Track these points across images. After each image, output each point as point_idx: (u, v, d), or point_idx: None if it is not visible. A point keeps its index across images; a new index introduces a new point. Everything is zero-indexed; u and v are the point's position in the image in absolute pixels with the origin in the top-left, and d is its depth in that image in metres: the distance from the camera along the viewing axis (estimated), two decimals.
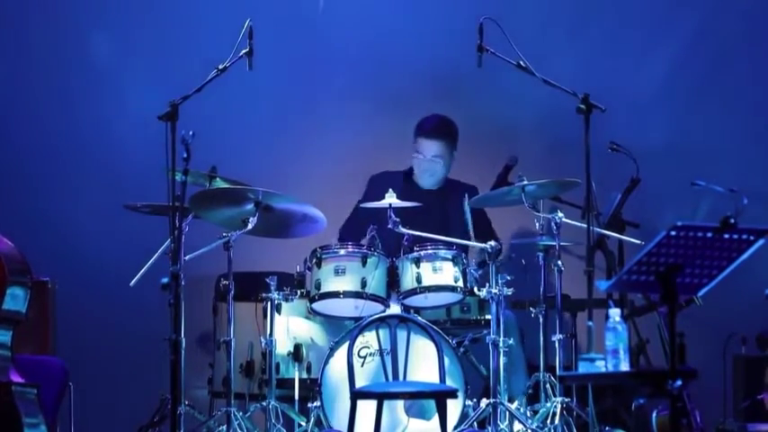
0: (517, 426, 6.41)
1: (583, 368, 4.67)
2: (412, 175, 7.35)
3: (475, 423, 6.42)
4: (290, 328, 6.74)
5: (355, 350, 6.33)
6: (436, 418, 6.09)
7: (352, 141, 7.98)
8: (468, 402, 6.45)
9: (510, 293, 6.47)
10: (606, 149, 6.96)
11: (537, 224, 6.61)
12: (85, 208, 7.91)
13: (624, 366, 4.56)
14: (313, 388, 6.54)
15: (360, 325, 6.35)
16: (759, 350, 6.88)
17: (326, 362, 6.47)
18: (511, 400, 6.48)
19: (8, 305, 5.72)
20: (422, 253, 6.60)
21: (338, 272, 6.59)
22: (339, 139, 8.01)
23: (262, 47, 6.29)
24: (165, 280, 5.74)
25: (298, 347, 6.71)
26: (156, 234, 6.59)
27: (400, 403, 6.37)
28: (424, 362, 6.35)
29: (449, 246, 6.64)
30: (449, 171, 7.33)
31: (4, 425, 5.57)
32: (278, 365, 6.65)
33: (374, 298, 6.57)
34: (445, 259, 6.60)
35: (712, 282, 4.52)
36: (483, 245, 6.52)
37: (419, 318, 6.48)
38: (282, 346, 6.69)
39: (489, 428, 6.37)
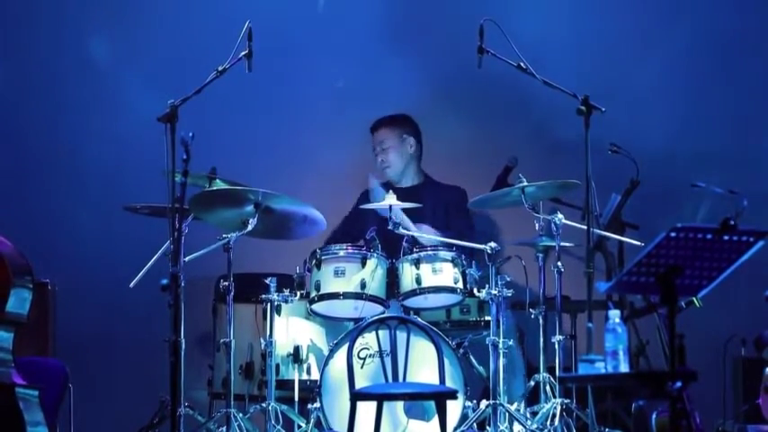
0: (517, 427, 6.41)
1: (582, 369, 4.66)
2: (387, 180, 7.39)
3: (475, 424, 6.42)
4: (290, 329, 6.74)
5: (355, 351, 6.33)
6: (436, 420, 6.09)
7: (352, 142, 7.97)
8: (468, 403, 6.45)
9: (510, 295, 6.48)
10: (606, 151, 6.96)
11: (537, 225, 6.61)
12: (85, 209, 7.92)
13: (624, 368, 4.56)
14: (313, 389, 6.54)
15: (359, 326, 6.36)
16: (756, 352, 6.88)
17: (326, 363, 6.47)
18: (509, 404, 6.48)
19: (11, 307, 5.72)
20: (421, 254, 6.61)
21: (338, 273, 6.59)
22: (338, 141, 8.00)
23: (261, 48, 6.29)
24: (164, 281, 5.72)
25: (297, 349, 6.71)
26: (155, 235, 6.57)
27: (400, 404, 6.37)
28: (423, 363, 6.36)
29: (448, 247, 6.64)
30: (408, 160, 7.38)
31: (6, 426, 5.56)
32: (278, 367, 6.65)
33: (374, 299, 6.57)
34: (445, 260, 6.61)
35: (712, 283, 4.52)
36: (482, 246, 6.53)
37: (419, 319, 6.48)
38: (282, 348, 6.69)
39: (489, 430, 6.37)
